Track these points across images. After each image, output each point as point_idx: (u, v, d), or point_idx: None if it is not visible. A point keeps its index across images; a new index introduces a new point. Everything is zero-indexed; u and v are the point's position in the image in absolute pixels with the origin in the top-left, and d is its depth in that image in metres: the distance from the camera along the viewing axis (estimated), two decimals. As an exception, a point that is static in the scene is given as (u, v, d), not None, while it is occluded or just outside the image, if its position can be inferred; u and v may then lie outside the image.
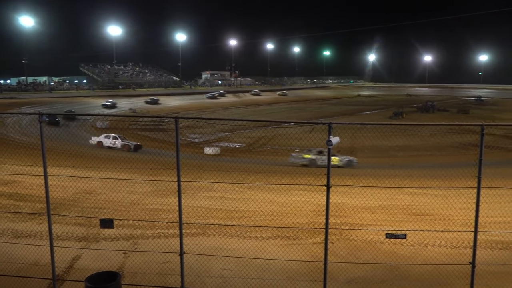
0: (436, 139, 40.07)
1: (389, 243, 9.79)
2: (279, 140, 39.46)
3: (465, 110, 70.20)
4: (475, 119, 58.06)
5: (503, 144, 35.48)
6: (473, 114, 65.74)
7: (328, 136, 6.25)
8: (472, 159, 6.97)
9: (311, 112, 70.55)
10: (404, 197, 14.99)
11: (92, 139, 34.89)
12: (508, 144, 36.33)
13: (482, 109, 74.38)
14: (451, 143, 37.16)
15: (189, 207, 12.60)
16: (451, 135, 40.25)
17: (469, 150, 31.59)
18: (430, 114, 68.15)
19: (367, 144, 34.67)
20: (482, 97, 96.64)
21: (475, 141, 6.11)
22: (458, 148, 33.93)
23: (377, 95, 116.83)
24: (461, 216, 11.43)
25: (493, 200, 9.96)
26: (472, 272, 6.44)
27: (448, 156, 31.52)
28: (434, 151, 34.66)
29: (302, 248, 9.88)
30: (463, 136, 36.19)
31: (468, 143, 34.74)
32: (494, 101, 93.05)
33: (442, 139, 39.99)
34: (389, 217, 12.66)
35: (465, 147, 32.54)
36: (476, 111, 70.82)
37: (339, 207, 13.09)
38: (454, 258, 8.58)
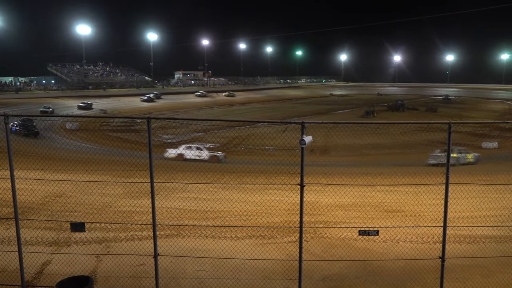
0: (406, 137, 41.01)
1: (362, 240, 9.95)
2: (253, 140, 39.52)
3: (433, 109, 72.20)
4: (443, 117, 59.76)
5: (470, 141, 36.64)
6: (441, 113, 67.65)
7: (302, 135, 6.31)
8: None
9: (284, 112, 70.97)
10: (376, 195, 15.29)
11: (168, 151, 30.01)
12: (475, 141, 37.57)
13: (449, 108, 76.62)
14: (421, 141, 38.09)
15: (163, 208, 12.46)
16: (420, 133, 41.22)
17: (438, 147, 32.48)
18: (400, 112, 69.75)
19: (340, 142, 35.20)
20: (449, 96, 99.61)
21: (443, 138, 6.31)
22: (427, 146, 34.76)
23: (349, 95, 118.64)
24: (431, 212, 11.76)
25: (460, 195, 10.29)
26: (442, 266, 6.63)
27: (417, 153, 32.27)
28: (405, 149, 35.48)
29: (277, 247, 9.93)
30: (431, 134, 37.16)
31: (436, 141, 35.72)
32: (461, 100, 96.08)
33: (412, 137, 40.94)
34: (362, 214, 12.89)
35: (434, 144, 33.38)
36: (444, 109, 72.90)
37: (313, 206, 13.23)
38: (424, 253, 8.81)
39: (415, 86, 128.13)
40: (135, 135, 42.46)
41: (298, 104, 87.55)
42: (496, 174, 21.19)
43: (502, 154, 33.65)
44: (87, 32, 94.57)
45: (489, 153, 32.77)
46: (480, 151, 31.99)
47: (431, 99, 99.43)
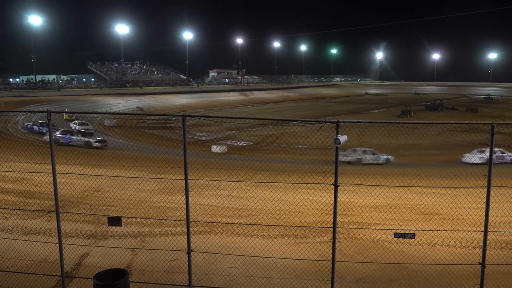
0: (445, 137, 39.74)
1: (397, 242, 9.73)
2: (286, 139, 39.38)
3: (473, 109, 69.54)
4: (484, 117, 57.49)
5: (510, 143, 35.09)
6: (482, 113, 65.10)
7: (336, 135, 6.21)
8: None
9: (318, 111, 70.33)
10: (413, 196, 14.88)
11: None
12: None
13: (491, 108, 73.64)
14: (460, 142, 36.82)
15: (197, 205, 12.62)
16: (459, 133, 39.84)
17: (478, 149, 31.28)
18: (439, 112, 67.62)
19: (375, 142, 34.44)
20: (491, 96, 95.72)
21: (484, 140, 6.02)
22: (467, 147, 33.55)
23: (384, 94, 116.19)
24: (470, 216, 11.32)
25: (503, 199, 9.86)
26: (482, 273, 6.36)
27: (457, 155, 31.21)
28: (443, 150, 34.36)
29: (310, 247, 9.85)
30: (471, 134, 35.72)
31: (477, 142, 34.36)
32: (503, 100, 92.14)
33: (451, 137, 39.64)
34: (397, 216, 12.59)
35: (474, 146, 32.12)
36: (485, 109, 70.14)
37: (346, 206, 13.04)
38: (463, 258, 8.49)
39: (454, 85, 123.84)
40: (170, 133, 43.24)
41: (332, 103, 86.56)
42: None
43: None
44: (125, 32, 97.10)
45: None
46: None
47: (471, 98, 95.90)
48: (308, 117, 59.06)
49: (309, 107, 77.48)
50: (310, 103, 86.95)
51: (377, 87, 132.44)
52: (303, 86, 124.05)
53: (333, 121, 6.39)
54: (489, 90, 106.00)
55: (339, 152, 6.34)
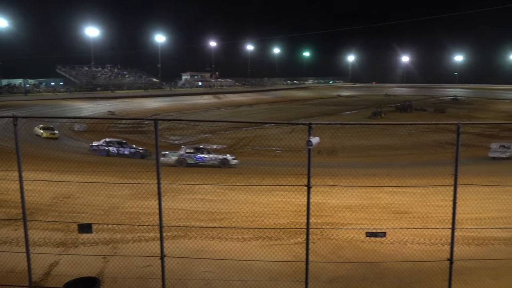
0: (414, 138, 40.80)
1: (369, 241, 9.89)
2: (260, 141, 39.51)
3: (441, 110, 71.65)
4: (451, 118, 59.30)
5: (479, 142, 36.34)
6: (449, 113, 67.15)
7: (308, 137, 6.28)
8: (449, 157, 7.12)
9: (291, 113, 70.88)
10: (384, 196, 15.20)
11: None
12: (483, 142, 37.21)
13: (458, 108, 76.04)
14: (429, 142, 37.89)
15: (170, 209, 12.47)
16: (428, 134, 41.02)
17: (446, 148, 32.23)
18: (408, 113, 69.35)
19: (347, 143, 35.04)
20: (458, 97, 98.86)
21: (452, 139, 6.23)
22: (435, 147, 34.60)
23: (356, 95, 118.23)
24: (439, 214, 11.66)
25: (469, 197, 10.19)
26: (450, 268, 6.57)
27: (425, 154, 32.14)
28: (412, 150, 35.27)
29: (284, 248, 9.91)
30: (440, 134, 36.93)
31: (444, 142, 35.44)
32: (469, 100, 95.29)
33: (420, 138, 40.73)
34: (369, 215, 12.82)
35: (442, 145, 33.20)
36: (452, 110, 72.38)
37: (320, 207, 13.18)
38: (432, 255, 8.73)
39: (423, 86, 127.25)
40: (143, 137, 42.66)
41: (305, 105, 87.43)
42: (506, 175, 21.01)
43: None
44: (95, 34, 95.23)
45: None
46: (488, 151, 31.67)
47: (439, 99, 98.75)
48: (282, 120, 59.45)
49: (282, 110, 77.99)
50: (284, 105, 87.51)
51: (349, 89, 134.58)
52: (277, 88, 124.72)
53: (305, 123, 6.46)
54: (456, 92, 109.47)
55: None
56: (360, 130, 40.61)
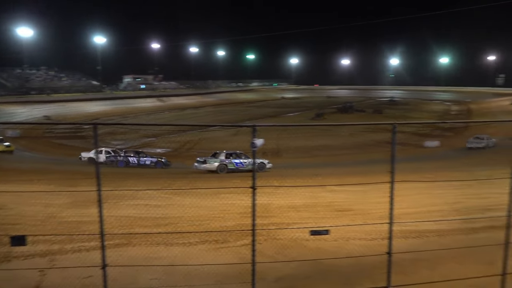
0: (355, 138, 42.45)
1: (314, 239, 10.12)
2: (205, 144, 39.29)
3: (379, 110, 75.15)
4: (388, 118, 62.30)
5: (413, 141, 38.49)
6: (386, 114, 70.50)
7: (253, 139, 6.34)
8: (387, 155, 7.45)
9: (236, 115, 71.11)
10: (327, 195, 15.64)
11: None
12: (418, 140, 39.48)
13: (394, 109, 80.00)
14: (368, 141, 39.54)
15: (112, 217, 11.99)
16: (368, 133, 42.79)
17: (384, 147, 33.82)
18: (349, 114, 71.97)
19: (292, 144, 35.76)
20: (394, 98, 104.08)
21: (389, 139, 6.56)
22: (374, 146, 36.14)
23: (299, 97, 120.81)
24: (378, 210, 12.17)
25: (405, 193, 10.76)
26: (389, 261, 6.88)
27: (366, 153, 33.48)
28: (354, 150, 36.65)
29: (231, 251, 9.90)
30: (378, 134, 38.58)
31: (383, 141, 37.13)
32: (405, 101, 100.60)
33: (360, 138, 42.45)
34: (314, 214, 13.14)
35: (381, 144, 34.72)
36: (390, 111, 76.04)
37: (266, 208, 13.30)
38: (373, 249, 9.09)
39: (362, 88, 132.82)
40: (82, 142, 40.89)
41: (250, 107, 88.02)
42: (438, 171, 22.41)
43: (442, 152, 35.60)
44: (29, 35, 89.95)
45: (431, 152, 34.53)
46: (422, 150, 33.66)
47: (377, 101, 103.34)
48: (227, 122, 59.49)
49: (227, 112, 78.03)
50: (228, 108, 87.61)
51: (293, 91, 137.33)
52: (222, 91, 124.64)
53: (249, 125, 6.51)
54: (392, 93, 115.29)
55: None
56: (304, 131, 41.60)
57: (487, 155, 28.49)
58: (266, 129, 26.06)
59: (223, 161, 26.12)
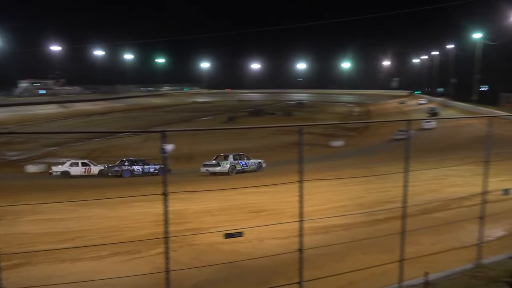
0: (266, 140, 43.58)
1: (229, 242, 10.19)
2: (115, 152, 37.58)
3: (289, 113, 78.10)
4: (297, 120, 64.97)
5: (320, 141, 40.57)
6: (295, 116, 73.47)
7: (163, 144, 6.20)
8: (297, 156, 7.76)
9: (147, 121, 68.95)
10: (241, 197, 15.85)
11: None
12: (324, 140, 41.70)
13: (302, 112, 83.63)
14: (279, 143, 40.81)
15: (9, 235, 10.96)
16: (278, 136, 44.21)
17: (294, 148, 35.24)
18: (260, 117, 73.72)
19: (205, 149, 35.62)
20: (302, 101, 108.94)
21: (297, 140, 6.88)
22: (284, 147, 37.38)
23: (211, 101, 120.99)
24: (291, 209, 12.62)
25: (314, 191, 11.30)
26: (300, 258, 7.16)
27: (277, 155, 34.50)
28: (266, 152, 37.54)
29: (145, 261, 9.57)
30: (288, 136, 40.06)
31: (293, 143, 38.61)
32: (312, 104, 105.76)
33: (271, 140, 43.69)
34: (229, 217, 13.22)
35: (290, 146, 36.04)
36: (298, 113, 79.31)
37: (180, 214, 13.10)
38: (286, 247, 9.39)
39: (272, 92, 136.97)
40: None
41: (161, 112, 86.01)
42: (343, 169, 23.90)
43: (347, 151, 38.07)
44: None
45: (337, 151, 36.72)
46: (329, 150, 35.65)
47: (286, 104, 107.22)
48: (137, 128, 57.53)
49: (137, 118, 75.34)
50: (138, 113, 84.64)
51: (204, 96, 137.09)
52: (131, 96, 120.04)
53: (159, 131, 6.35)
54: (300, 96, 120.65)
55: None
56: (217, 135, 41.75)
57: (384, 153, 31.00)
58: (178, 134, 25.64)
59: (232, 163, 27.05)
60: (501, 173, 14.53)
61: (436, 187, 17.83)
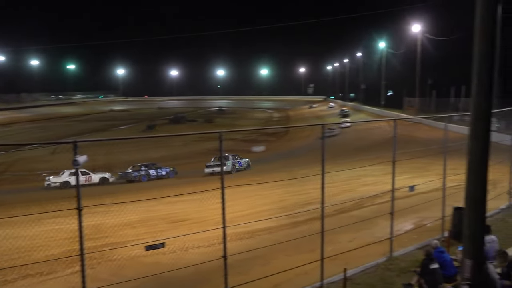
0: (188, 148, 43.07)
1: (152, 254, 9.85)
2: (23, 165, 34.72)
3: (210, 120, 77.94)
4: (218, 127, 65.03)
5: (242, 147, 41.03)
6: (217, 123, 73.50)
7: (74, 156, 5.85)
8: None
9: (59, 131, 64.52)
10: (163, 207, 15.46)
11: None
12: (246, 146, 42.25)
13: (224, 118, 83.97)
14: (202, 150, 40.49)
15: None
16: (201, 143, 43.87)
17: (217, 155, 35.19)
18: (181, 125, 72.62)
19: (124, 159, 34.20)
20: (223, 107, 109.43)
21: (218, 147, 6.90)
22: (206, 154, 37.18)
23: (129, 110, 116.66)
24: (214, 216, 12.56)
25: (237, 196, 11.39)
26: (225, 264, 7.17)
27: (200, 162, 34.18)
28: (187, 159, 37.10)
29: (59, 281, 8.96)
30: (210, 143, 39.92)
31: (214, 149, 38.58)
32: (232, 110, 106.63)
33: (194, 147, 43.26)
34: (150, 229, 12.84)
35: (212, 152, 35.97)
36: (219, 120, 79.47)
37: (98, 229, 12.44)
38: (211, 255, 9.33)
39: (192, 99, 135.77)
40: None
41: (74, 122, 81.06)
42: (265, 174, 24.37)
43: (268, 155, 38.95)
44: None
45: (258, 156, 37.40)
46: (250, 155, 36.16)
47: (207, 110, 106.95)
48: (47, 139, 53.73)
49: (47, 128, 70.23)
50: (49, 123, 78.97)
51: (121, 103, 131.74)
52: (39, 105, 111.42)
53: (70, 142, 5.99)
54: (221, 103, 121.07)
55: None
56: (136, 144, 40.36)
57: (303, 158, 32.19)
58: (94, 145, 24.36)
59: (233, 162, 29.01)
60: (408, 171, 15.82)
61: (351, 187, 18.92)
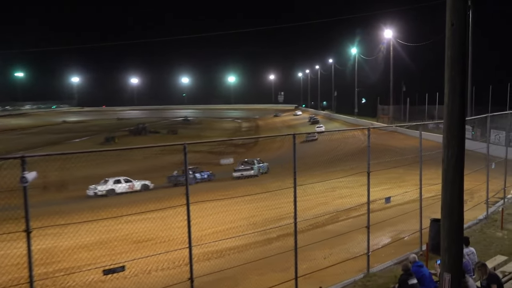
0: (150, 161, 42.38)
1: (111, 279, 9.58)
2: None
3: (174, 131, 76.97)
4: (183, 138, 64.35)
5: (209, 160, 40.80)
6: (181, 134, 72.77)
7: (22, 172, 5.62)
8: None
9: (5, 145, 62.12)
10: (124, 227, 14.99)
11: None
12: (214, 158, 42.01)
13: (189, 129, 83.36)
14: (165, 164, 39.89)
15: None
16: (164, 156, 43.26)
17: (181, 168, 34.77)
18: (143, 136, 71.42)
19: (79, 175, 33.24)
20: (188, 117, 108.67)
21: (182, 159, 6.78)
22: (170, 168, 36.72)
23: (85, 121, 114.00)
24: (180, 235, 12.35)
25: (204, 213, 11.22)
26: (191, 287, 7.01)
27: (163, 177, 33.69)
28: (150, 174, 36.42)
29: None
30: (174, 156, 39.41)
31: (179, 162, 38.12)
32: (198, 120, 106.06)
33: (156, 160, 42.60)
34: (109, 251, 12.47)
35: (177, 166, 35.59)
36: (184, 130, 78.79)
37: (50, 253, 12.00)
38: (176, 278, 9.13)
39: (155, 108, 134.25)
40: None
41: (23, 135, 78.32)
42: (235, 187, 24.24)
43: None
44: None
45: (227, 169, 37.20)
46: (219, 168, 35.98)
47: (171, 121, 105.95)
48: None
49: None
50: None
51: (76, 114, 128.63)
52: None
53: (17, 157, 5.77)
54: (186, 112, 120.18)
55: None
56: (94, 158, 39.32)
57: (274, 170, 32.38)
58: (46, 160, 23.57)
59: (259, 166, 32.78)
60: (384, 182, 16.12)
61: (326, 199, 19.05)
